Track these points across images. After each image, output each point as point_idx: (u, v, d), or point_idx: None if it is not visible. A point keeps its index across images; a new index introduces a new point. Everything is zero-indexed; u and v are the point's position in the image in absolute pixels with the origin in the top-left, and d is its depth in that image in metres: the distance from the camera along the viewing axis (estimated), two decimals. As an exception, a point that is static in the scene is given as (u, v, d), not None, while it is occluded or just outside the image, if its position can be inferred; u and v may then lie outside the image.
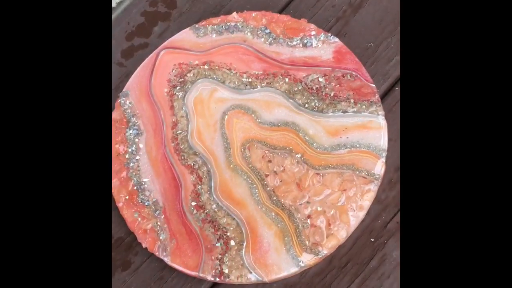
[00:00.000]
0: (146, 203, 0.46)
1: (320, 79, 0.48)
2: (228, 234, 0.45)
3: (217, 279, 0.44)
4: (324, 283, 0.44)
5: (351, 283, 0.44)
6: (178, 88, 0.50)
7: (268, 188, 0.45)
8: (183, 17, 0.55)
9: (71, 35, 0.35)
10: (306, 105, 0.48)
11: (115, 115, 0.50)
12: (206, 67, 0.50)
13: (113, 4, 0.55)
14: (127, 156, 0.48)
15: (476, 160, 0.33)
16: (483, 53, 0.34)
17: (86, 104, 0.35)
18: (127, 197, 0.47)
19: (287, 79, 0.48)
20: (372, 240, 0.45)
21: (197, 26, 0.52)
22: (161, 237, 0.45)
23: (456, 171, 0.33)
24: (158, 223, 0.46)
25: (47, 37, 0.35)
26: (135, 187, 0.47)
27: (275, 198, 0.45)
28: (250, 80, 0.49)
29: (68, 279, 0.33)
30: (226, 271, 0.43)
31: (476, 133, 0.34)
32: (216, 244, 0.44)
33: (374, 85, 0.47)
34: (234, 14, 0.52)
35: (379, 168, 0.45)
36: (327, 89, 0.48)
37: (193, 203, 0.46)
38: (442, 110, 0.34)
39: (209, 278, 0.44)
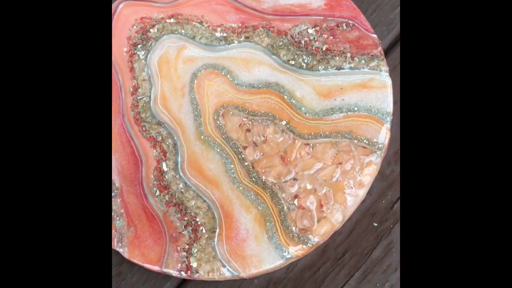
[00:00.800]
0: (99, 184, 0.38)
1: (310, 31, 0.40)
2: (197, 219, 0.37)
3: (184, 274, 0.36)
4: (316, 279, 0.37)
5: (350, 278, 0.37)
6: (139, 46, 0.42)
7: (246, 163, 0.37)
8: (148, -34, 0.46)
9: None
10: (293, 62, 0.39)
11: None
12: (172, 20, 0.42)
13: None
14: (77, 128, 0.40)
15: (492, 127, 0.28)
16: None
17: (85, 102, 0.30)
18: (76, 177, 0.39)
19: (269, 32, 0.40)
20: (375, 224, 0.38)
21: (162, -27, 0.43)
22: (116, 225, 0.37)
23: (466, 143, 0.28)
24: (114, 207, 0.38)
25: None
26: (87, 165, 0.39)
27: (254, 174, 0.37)
28: (225, 34, 0.41)
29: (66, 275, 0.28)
30: (194, 264, 0.36)
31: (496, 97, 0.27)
32: (183, 232, 0.37)
33: (375, 35, 0.39)
34: (207, -43, 0.43)
35: (383, 136, 0.37)
36: (317, 42, 0.39)
37: (156, 183, 0.38)
38: (450, 70, 0.28)
39: (174, 273, 0.36)
